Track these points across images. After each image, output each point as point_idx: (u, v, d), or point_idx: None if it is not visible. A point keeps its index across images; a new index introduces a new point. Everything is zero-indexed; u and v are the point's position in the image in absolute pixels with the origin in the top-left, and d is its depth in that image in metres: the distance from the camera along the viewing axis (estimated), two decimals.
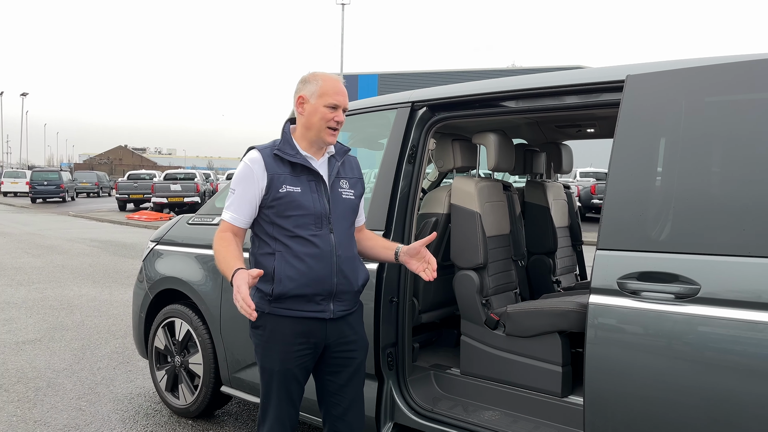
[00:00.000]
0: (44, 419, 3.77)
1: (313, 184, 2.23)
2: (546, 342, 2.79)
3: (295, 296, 2.17)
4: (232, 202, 2.23)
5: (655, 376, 2.04)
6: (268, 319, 2.21)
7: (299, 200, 2.18)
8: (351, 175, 2.37)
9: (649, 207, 2.14)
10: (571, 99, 2.52)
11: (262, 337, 2.25)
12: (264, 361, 2.26)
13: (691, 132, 2.12)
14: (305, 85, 2.24)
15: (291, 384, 2.25)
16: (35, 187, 29.64)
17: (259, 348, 2.27)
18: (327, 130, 2.21)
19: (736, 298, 1.92)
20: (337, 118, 2.20)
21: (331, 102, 2.19)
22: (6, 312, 6.65)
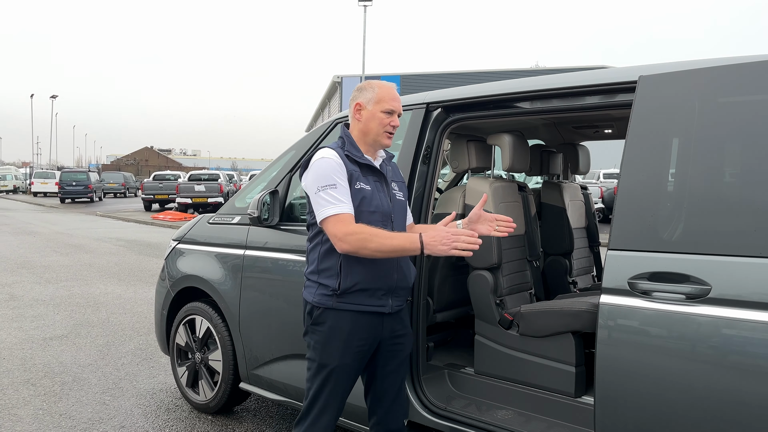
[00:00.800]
0: (69, 413, 3.89)
1: (379, 184, 2.35)
2: (559, 342, 2.80)
3: (360, 290, 2.25)
4: (339, 195, 2.20)
5: (666, 376, 2.04)
6: (330, 315, 2.27)
7: (370, 198, 2.28)
8: (398, 178, 2.51)
9: (661, 207, 2.14)
10: (584, 100, 2.53)
11: (322, 333, 2.29)
12: (322, 357, 2.29)
13: (703, 132, 2.12)
14: (361, 92, 2.38)
15: (346, 380, 2.31)
16: (64, 188, 30.30)
17: (318, 344, 2.30)
18: (384, 134, 2.34)
19: (748, 298, 1.91)
20: (393, 122, 2.34)
21: (387, 108, 2.32)
22: (34, 309, 6.84)
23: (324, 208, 2.20)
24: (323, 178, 2.23)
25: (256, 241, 3.57)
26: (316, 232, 2.34)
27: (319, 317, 2.28)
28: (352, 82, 38.13)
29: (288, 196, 3.51)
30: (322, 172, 2.24)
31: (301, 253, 3.31)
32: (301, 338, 3.31)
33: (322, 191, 2.21)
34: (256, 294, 3.52)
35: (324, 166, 2.24)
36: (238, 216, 3.75)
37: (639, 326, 2.11)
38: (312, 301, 2.31)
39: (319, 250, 2.31)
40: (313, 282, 2.32)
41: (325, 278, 2.27)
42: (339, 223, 2.17)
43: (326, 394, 2.31)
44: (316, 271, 2.31)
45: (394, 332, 2.39)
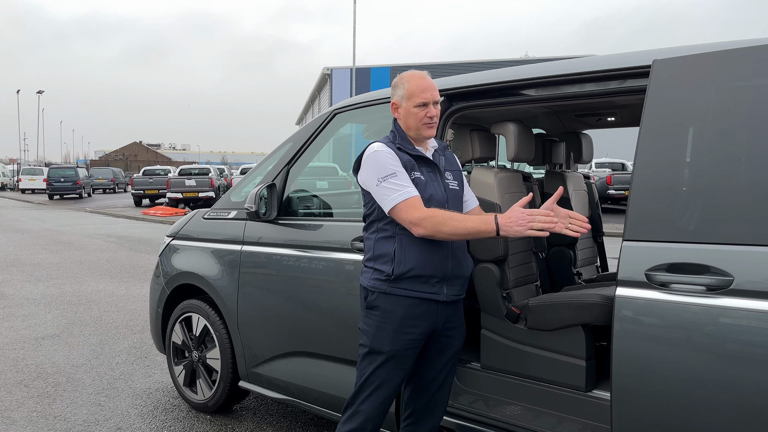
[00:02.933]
0: (64, 414, 3.79)
1: (432, 174, 2.36)
2: (569, 335, 2.73)
3: (414, 277, 2.26)
4: (402, 182, 2.22)
5: (686, 371, 1.98)
6: (385, 300, 2.29)
7: (425, 187, 2.29)
8: (453, 167, 2.50)
9: (678, 196, 2.07)
10: (594, 86, 2.45)
11: (375, 318, 2.31)
12: (374, 342, 2.30)
13: (721, 118, 2.04)
14: (395, 90, 2.39)
15: (396, 368, 2.31)
16: (52, 184, 29.97)
17: (371, 329, 2.31)
18: (424, 126, 2.33)
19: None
20: (429, 113, 2.31)
21: (419, 101, 2.30)
22: (25, 308, 6.71)
23: (390, 196, 2.21)
24: (382, 170, 2.24)
25: (253, 236, 3.48)
26: (371, 222, 2.38)
27: (374, 301, 2.31)
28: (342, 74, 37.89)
29: (286, 190, 3.41)
30: (379, 164, 2.25)
31: (299, 247, 3.22)
32: (300, 335, 3.24)
33: (384, 182, 2.22)
34: (255, 290, 3.43)
35: (379, 158, 2.26)
36: (235, 210, 3.65)
37: (657, 320, 2.04)
38: (367, 285, 2.33)
39: (374, 237, 2.35)
40: (369, 268, 2.36)
41: (381, 264, 2.30)
42: (411, 208, 2.18)
43: (375, 381, 2.30)
44: (372, 258, 2.34)
45: (447, 323, 2.40)
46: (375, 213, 2.35)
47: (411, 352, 2.33)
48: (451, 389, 2.56)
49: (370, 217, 2.38)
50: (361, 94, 3.36)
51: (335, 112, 3.32)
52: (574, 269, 3.70)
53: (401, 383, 2.36)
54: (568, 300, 2.72)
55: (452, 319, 2.43)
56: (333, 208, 3.69)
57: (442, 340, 2.43)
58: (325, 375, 3.16)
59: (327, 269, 3.10)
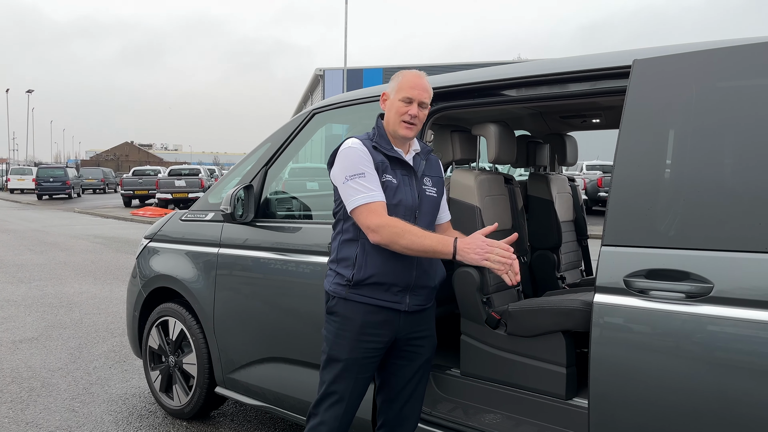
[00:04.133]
0: (36, 421, 3.69)
1: (407, 178, 2.25)
2: (549, 342, 2.66)
3: (374, 284, 2.18)
4: (368, 183, 2.12)
5: (665, 379, 1.92)
6: (344, 305, 2.22)
7: (395, 191, 2.19)
8: (434, 173, 2.39)
9: (658, 200, 2.01)
10: (575, 86, 2.39)
11: (334, 324, 2.24)
12: (332, 349, 2.23)
13: (703, 119, 1.99)
14: (390, 83, 2.30)
15: (357, 377, 2.23)
16: (41, 184, 29.70)
17: (330, 335, 2.25)
18: (402, 123, 2.21)
19: (752, 297, 1.78)
20: (411, 111, 2.20)
21: (405, 96, 2.20)
22: (5, 310, 6.59)
23: (353, 197, 2.12)
24: (351, 168, 2.15)
25: (230, 239, 3.39)
26: (337, 220, 2.30)
27: (333, 306, 2.24)
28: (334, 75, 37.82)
29: (264, 191, 3.33)
30: (349, 161, 2.16)
31: (277, 251, 3.14)
32: (278, 340, 3.16)
33: (350, 180, 2.13)
34: (231, 294, 3.35)
35: (350, 155, 2.17)
36: (212, 212, 3.57)
37: (636, 327, 1.98)
38: (328, 289, 2.28)
39: (339, 239, 2.28)
40: (332, 271, 2.28)
41: (342, 268, 2.23)
42: (371, 213, 2.09)
43: (336, 390, 2.23)
44: (335, 260, 2.27)
45: (412, 333, 2.31)
46: (341, 212, 2.27)
47: (370, 360, 2.24)
48: (423, 399, 2.48)
49: (337, 216, 2.30)
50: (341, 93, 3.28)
51: (314, 112, 3.24)
52: (557, 273, 3.65)
53: (363, 392, 2.28)
54: (549, 306, 2.65)
55: (419, 329, 2.34)
56: (312, 210, 3.61)
57: (408, 350, 2.34)
58: (302, 381, 3.08)
59: (305, 273, 3.02)
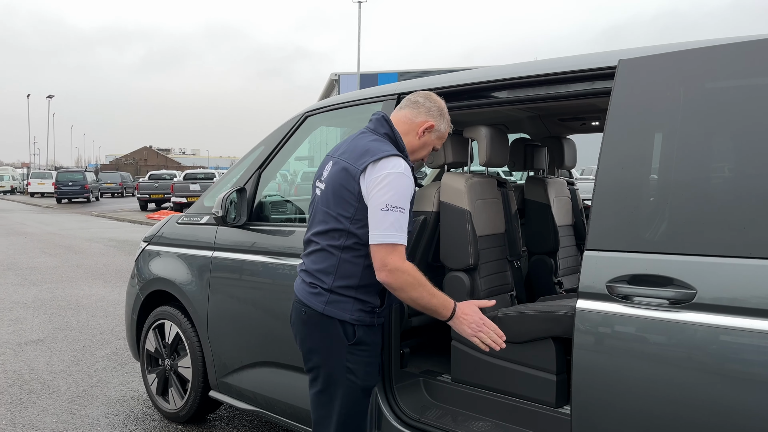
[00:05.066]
0: (33, 423, 3.71)
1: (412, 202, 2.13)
2: (539, 348, 2.61)
3: (388, 305, 2.19)
4: (404, 223, 1.99)
5: (648, 387, 1.86)
6: (369, 332, 2.10)
7: (411, 218, 2.11)
8: None
9: (642, 204, 1.96)
10: (562, 88, 2.34)
11: (365, 353, 2.09)
12: (367, 380, 2.11)
13: (689, 121, 1.93)
14: (441, 120, 2.22)
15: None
16: (60, 188, 30.15)
17: (360, 366, 2.08)
18: (425, 155, 2.26)
19: (736, 304, 1.72)
20: (424, 156, 2.27)
21: (438, 145, 2.26)
22: (14, 312, 6.67)
23: (387, 230, 1.95)
24: (397, 199, 1.97)
25: (224, 242, 3.39)
26: (356, 242, 2.05)
27: (362, 336, 2.07)
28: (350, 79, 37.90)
29: (257, 195, 3.32)
30: (400, 192, 1.98)
31: (270, 254, 3.13)
32: (270, 345, 3.14)
33: (393, 210, 1.95)
34: (225, 298, 3.34)
35: (403, 185, 1.99)
36: (207, 215, 3.57)
37: (618, 335, 1.93)
38: (351, 318, 2.06)
39: (362, 263, 2.05)
40: (347, 297, 2.06)
41: (365, 294, 2.07)
42: (395, 253, 1.96)
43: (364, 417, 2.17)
44: (354, 286, 2.06)
45: None
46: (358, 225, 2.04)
47: None
48: None
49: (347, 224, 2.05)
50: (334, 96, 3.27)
51: (307, 115, 3.23)
52: (555, 278, 3.59)
53: None
54: (538, 312, 2.61)
55: None
56: (307, 214, 3.60)
57: None
58: (294, 386, 3.05)
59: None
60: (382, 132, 2.12)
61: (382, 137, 2.11)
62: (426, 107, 2.19)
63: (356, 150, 2.07)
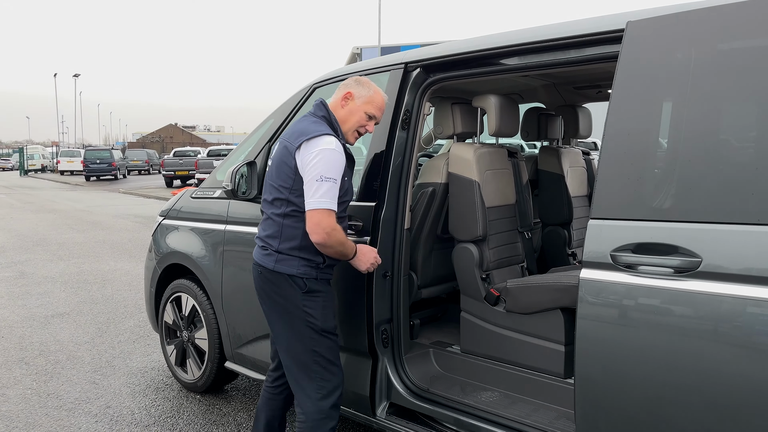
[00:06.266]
0: (57, 392, 3.83)
1: (349, 170, 2.46)
2: (548, 319, 2.60)
3: (332, 264, 2.48)
4: (328, 191, 2.28)
5: (652, 357, 1.83)
6: (319, 284, 2.43)
7: (349, 187, 2.45)
8: None
9: (648, 172, 1.91)
10: (569, 53, 2.27)
11: (319, 300, 2.42)
12: (325, 322, 2.42)
13: (700, 85, 1.86)
14: (358, 86, 2.47)
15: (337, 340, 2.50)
16: (89, 166, 30.68)
17: (318, 311, 2.41)
18: (355, 132, 2.47)
19: (742, 272, 1.67)
20: (369, 128, 2.48)
21: (372, 112, 2.45)
22: (42, 286, 6.85)
23: (322, 197, 2.27)
24: (330, 170, 2.28)
25: (236, 216, 3.41)
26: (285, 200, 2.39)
27: (312, 285, 2.41)
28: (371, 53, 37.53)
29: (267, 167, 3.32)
30: (330, 165, 2.29)
31: None
32: None
33: (326, 181, 2.27)
34: (238, 271, 3.37)
35: (334, 160, 2.30)
36: (219, 189, 3.59)
37: (622, 304, 1.90)
38: (297, 272, 2.39)
39: (302, 227, 2.38)
40: (293, 256, 2.40)
41: (308, 254, 2.39)
42: (330, 218, 2.29)
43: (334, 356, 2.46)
44: (297, 247, 2.39)
45: None
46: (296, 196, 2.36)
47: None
48: None
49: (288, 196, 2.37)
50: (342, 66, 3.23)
51: (315, 86, 3.20)
52: (568, 250, 3.54)
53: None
54: (546, 282, 2.58)
55: None
56: None
57: None
58: None
59: None
60: (320, 115, 2.44)
61: (320, 119, 2.42)
62: (344, 83, 2.51)
63: (295, 131, 2.39)
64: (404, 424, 2.65)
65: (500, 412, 2.46)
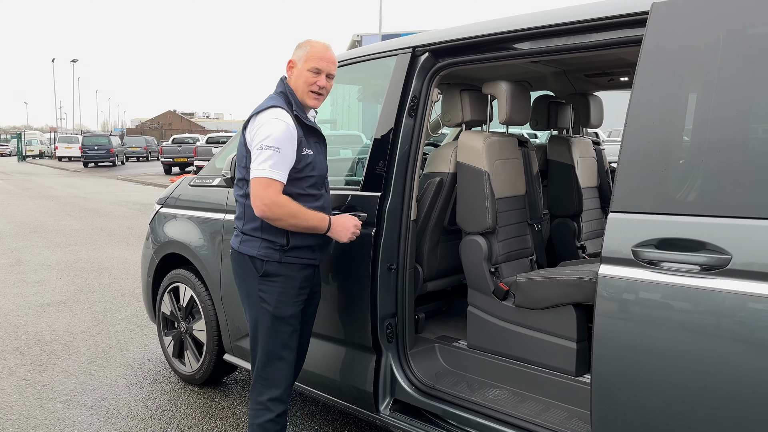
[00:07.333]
0: (52, 383, 3.75)
1: (318, 146, 2.39)
2: (559, 315, 2.50)
3: (304, 246, 2.35)
4: (277, 162, 2.21)
5: (675, 358, 1.74)
6: (282, 268, 2.34)
7: (314, 162, 2.34)
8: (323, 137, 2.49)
9: (674, 162, 1.80)
10: (590, 37, 2.16)
11: (275, 285, 2.34)
12: (278, 308, 2.34)
13: (729, 71, 1.75)
14: (297, 50, 2.39)
15: (298, 328, 2.42)
16: (87, 152, 30.51)
17: (273, 296, 2.34)
18: (310, 94, 2.34)
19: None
20: (319, 82, 2.33)
21: (314, 66, 2.32)
22: (38, 274, 6.76)
23: (261, 165, 2.20)
24: (273, 139, 2.21)
25: None
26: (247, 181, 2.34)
27: (270, 269, 2.33)
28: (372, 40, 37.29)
29: None
30: (275, 133, 2.22)
31: None
32: None
33: (267, 149, 2.20)
34: None
35: (279, 128, 2.23)
36: (219, 177, 3.49)
37: (644, 303, 1.80)
38: (257, 254, 2.33)
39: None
40: (255, 237, 2.34)
41: (270, 234, 2.31)
42: (270, 188, 2.19)
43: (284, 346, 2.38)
44: (259, 228, 2.32)
45: (315, 282, 2.52)
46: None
47: (300, 312, 2.42)
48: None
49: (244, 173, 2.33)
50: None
51: None
52: (578, 242, 3.45)
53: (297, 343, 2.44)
54: (558, 277, 2.49)
55: (318, 277, 2.55)
56: None
57: (311, 296, 2.51)
58: None
59: None
60: (279, 91, 2.38)
61: (278, 95, 2.36)
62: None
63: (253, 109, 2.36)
64: (408, 422, 2.57)
65: (509, 411, 2.37)
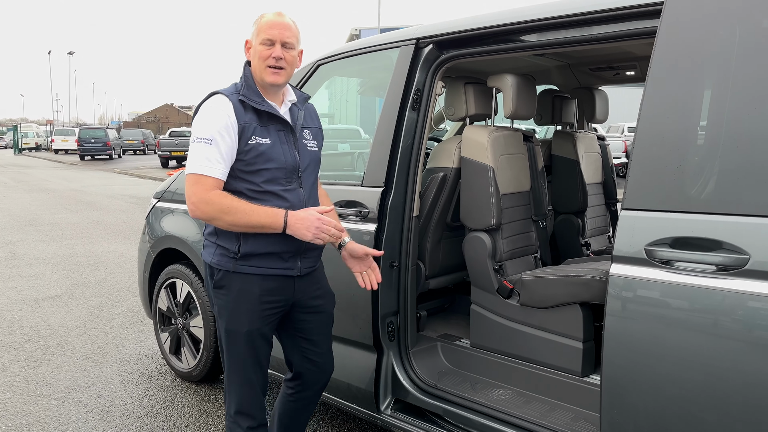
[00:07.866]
0: (47, 380, 3.68)
1: (282, 134, 2.07)
2: (565, 314, 2.45)
3: (263, 254, 2.05)
4: (208, 155, 1.95)
5: (689, 361, 1.69)
6: (234, 278, 2.06)
7: (269, 153, 2.02)
8: (312, 124, 2.23)
9: (689, 158, 1.74)
10: (602, 28, 2.10)
11: (227, 297, 2.08)
12: (230, 323, 2.09)
13: (747, 64, 1.69)
14: (251, 30, 2.09)
15: (260, 345, 2.13)
16: (83, 145, 30.34)
17: (225, 309, 2.10)
18: (267, 69, 2.02)
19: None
20: (274, 54, 2.01)
21: (265, 38, 2.01)
22: (33, 267, 6.68)
23: (192, 161, 1.97)
24: (203, 130, 1.97)
25: None
26: None
27: (221, 280, 2.08)
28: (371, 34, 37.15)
29: None
30: (205, 123, 1.97)
31: None
32: None
33: (197, 142, 1.97)
34: None
35: (208, 116, 1.98)
36: None
37: (657, 303, 1.74)
38: (210, 261, 2.10)
39: None
40: (212, 243, 2.11)
41: (224, 240, 2.05)
42: (198, 185, 1.95)
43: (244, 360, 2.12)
44: (214, 233, 2.09)
45: (310, 293, 2.21)
46: None
47: (271, 326, 2.14)
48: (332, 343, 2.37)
49: None
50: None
51: (319, 63, 3.02)
52: (582, 239, 3.39)
53: (269, 356, 2.18)
54: (565, 275, 2.43)
55: (313, 289, 2.22)
56: None
57: (311, 308, 2.23)
58: None
59: None
60: (241, 76, 2.12)
61: (239, 81, 2.10)
62: None
63: None
64: (410, 422, 2.52)
65: (514, 412, 2.32)
